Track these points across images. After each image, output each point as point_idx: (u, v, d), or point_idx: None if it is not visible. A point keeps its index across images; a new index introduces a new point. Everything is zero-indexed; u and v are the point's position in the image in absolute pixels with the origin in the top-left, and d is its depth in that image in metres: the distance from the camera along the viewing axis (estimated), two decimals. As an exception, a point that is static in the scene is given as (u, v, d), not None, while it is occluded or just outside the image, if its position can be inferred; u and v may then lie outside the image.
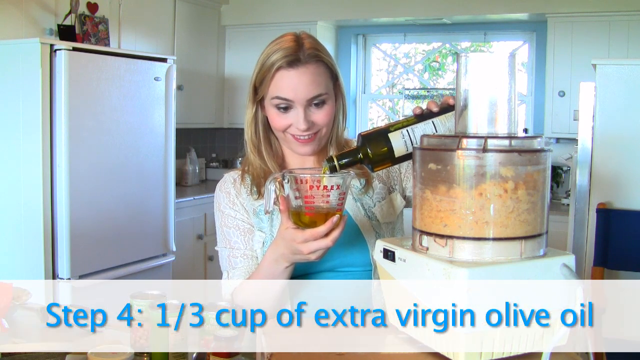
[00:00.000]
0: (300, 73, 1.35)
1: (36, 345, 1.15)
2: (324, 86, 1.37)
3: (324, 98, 1.38)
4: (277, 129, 1.41)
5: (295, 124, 1.37)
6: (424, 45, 4.92)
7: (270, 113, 1.40)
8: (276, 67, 1.35)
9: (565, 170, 4.06)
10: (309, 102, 1.36)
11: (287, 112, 1.37)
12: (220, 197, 1.50)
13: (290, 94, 1.35)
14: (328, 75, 1.40)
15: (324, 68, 1.39)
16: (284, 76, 1.35)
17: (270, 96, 1.38)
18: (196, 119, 4.51)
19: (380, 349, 1.01)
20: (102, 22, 3.61)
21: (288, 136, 1.40)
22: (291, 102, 1.36)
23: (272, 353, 0.95)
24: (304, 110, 1.36)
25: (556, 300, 0.92)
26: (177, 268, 3.67)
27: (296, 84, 1.35)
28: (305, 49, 1.36)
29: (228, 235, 1.47)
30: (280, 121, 1.38)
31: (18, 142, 2.95)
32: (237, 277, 1.42)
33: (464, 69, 0.95)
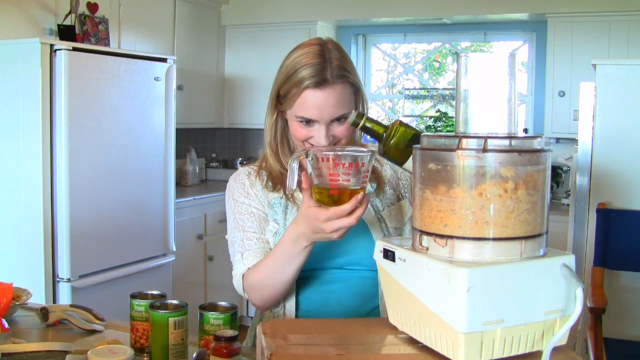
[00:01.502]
0: (327, 94, 1.35)
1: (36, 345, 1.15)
2: (348, 106, 1.38)
3: (346, 115, 1.38)
4: (298, 139, 1.41)
5: (316, 138, 1.37)
6: (424, 45, 4.92)
7: (292, 124, 1.41)
8: (304, 86, 1.35)
9: (565, 170, 4.06)
10: (332, 121, 1.37)
11: (309, 126, 1.38)
12: (233, 187, 1.51)
13: (315, 114, 1.36)
14: (352, 92, 1.40)
15: (350, 87, 1.39)
16: (310, 96, 1.35)
17: (294, 113, 1.39)
18: (196, 119, 4.51)
19: (380, 349, 1.01)
20: (102, 22, 3.61)
21: (307, 145, 1.40)
22: (314, 120, 1.37)
23: (272, 353, 0.95)
24: (326, 127, 1.37)
25: (556, 300, 0.92)
26: (177, 268, 3.67)
27: (322, 105, 1.35)
28: (333, 67, 1.36)
29: (241, 221, 1.46)
30: (302, 133, 1.39)
31: (18, 142, 2.95)
32: (252, 257, 1.41)
33: (464, 69, 0.95)
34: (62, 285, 2.96)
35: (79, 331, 1.47)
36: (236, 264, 1.45)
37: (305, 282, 1.43)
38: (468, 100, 0.95)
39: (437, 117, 4.58)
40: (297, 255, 1.28)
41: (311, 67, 1.35)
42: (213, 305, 1.30)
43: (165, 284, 3.52)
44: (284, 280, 1.33)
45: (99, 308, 1.52)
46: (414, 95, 4.97)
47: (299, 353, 0.97)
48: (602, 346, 2.35)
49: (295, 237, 1.26)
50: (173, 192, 3.56)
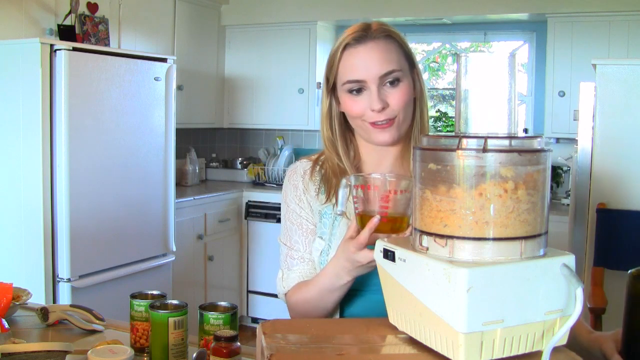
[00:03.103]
0: (368, 48, 1.29)
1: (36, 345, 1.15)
2: (396, 62, 1.29)
3: (397, 75, 1.30)
4: (353, 115, 1.33)
5: (369, 106, 1.29)
6: (424, 45, 4.92)
7: (344, 100, 1.34)
8: (343, 45, 1.30)
9: (565, 170, 4.06)
10: (382, 80, 1.29)
11: (360, 95, 1.31)
12: (288, 189, 1.45)
13: (360, 72, 1.29)
14: (401, 53, 1.32)
15: (396, 45, 1.32)
16: (351, 54, 1.29)
17: (341, 82, 1.32)
18: (196, 119, 4.51)
19: (380, 349, 1.01)
20: (102, 22, 3.61)
21: (365, 125, 1.33)
22: (363, 82, 1.29)
23: (272, 353, 0.95)
24: (377, 88, 1.28)
25: (556, 300, 0.92)
26: (177, 268, 3.67)
27: (365, 61, 1.28)
28: (373, 27, 1.31)
29: (290, 232, 1.43)
30: (354, 105, 1.31)
31: (18, 142, 2.95)
32: (292, 279, 1.39)
33: (464, 69, 0.95)
34: (62, 285, 2.96)
35: (79, 331, 1.47)
36: (277, 281, 1.44)
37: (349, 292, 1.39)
38: (468, 100, 0.95)
39: (437, 117, 4.58)
40: (338, 289, 1.26)
41: (349, 31, 1.31)
42: (213, 305, 1.29)
43: (165, 284, 3.52)
44: (326, 308, 1.32)
45: (99, 308, 1.52)
46: (414, 95, 4.97)
47: (299, 353, 0.97)
48: (602, 346, 2.34)
49: (337, 271, 1.24)
50: (173, 192, 3.56)
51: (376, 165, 1.41)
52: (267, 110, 4.66)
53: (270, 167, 4.65)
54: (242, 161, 4.91)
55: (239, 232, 4.37)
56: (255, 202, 4.35)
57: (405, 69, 1.32)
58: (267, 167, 4.67)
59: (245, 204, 4.38)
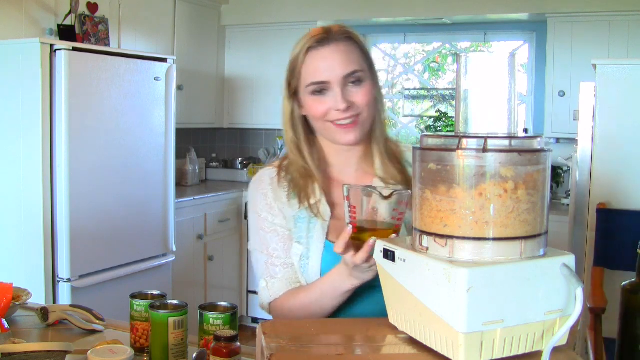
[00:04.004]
0: (331, 50, 1.30)
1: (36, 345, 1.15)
2: (358, 63, 1.32)
3: (360, 75, 1.32)
4: (316, 116, 1.34)
5: (334, 106, 1.30)
6: (423, 46, 4.92)
7: (308, 102, 1.34)
8: (306, 48, 1.30)
9: (565, 170, 4.06)
10: (345, 81, 1.31)
11: (324, 96, 1.32)
12: (257, 199, 1.43)
13: (324, 74, 1.30)
14: (361, 54, 1.34)
15: (356, 46, 1.33)
16: (315, 57, 1.30)
17: (304, 84, 1.33)
18: (196, 119, 4.51)
19: (380, 349, 1.01)
20: (102, 22, 3.61)
21: (328, 125, 1.34)
22: (327, 83, 1.30)
23: (272, 353, 0.95)
24: (341, 89, 1.30)
25: (556, 300, 0.92)
26: (177, 268, 3.67)
27: (329, 62, 1.30)
28: (333, 30, 1.32)
29: (265, 240, 1.40)
30: (318, 107, 1.32)
31: (18, 142, 2.95)
32: (279, 287, 1.37)
33: (464, 69, 0.95)
34: (62, 285, 2.96)
35: (79, 331, 1.47)
36: (261, 291, 1.40)
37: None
38: (468, 100, 0.95)
39: (437, 117, 4.58)
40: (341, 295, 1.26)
41: (311, 34, 1.33)
42: (213, 305, 1.29)
43: (165, 284, 3.52)
44: (324, 314, 1.31)
45: (99, 308, 1.52)
46: (414, 95, 4.97)
47: (299, 353, 0.97)
48: (602, 346, 2.35)
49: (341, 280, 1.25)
50: (173, 192, 3.56)
51: (343, 166, 1.42)
52: (267, 110, 4.65)
53: (270, 167, 4.64)
54: (242, 161, 4.91)
55: (239, 232, 4.37)
56: (255, 202, 4.35)
57: (366, 70, 1.34)
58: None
59: (245, 204, 4.37)
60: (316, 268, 1.36)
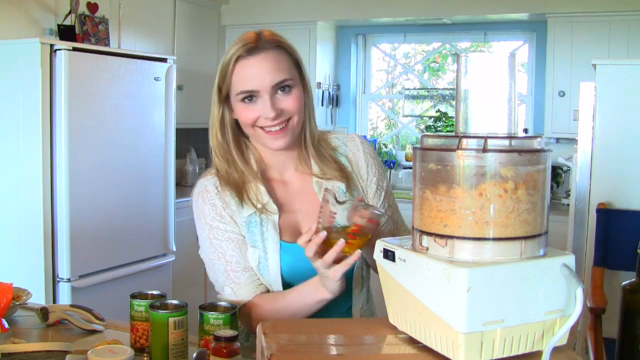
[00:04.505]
0: (260, 59, 1.31)
1: (36, 345, 1.15)
2: (287, 71, 1.33)
3: (289, 83, 1.33)
4: (246, 123, 1.36)
5: (263, 114, 1.32)
6: (423, 46, 4.92)
7: (238, 109, 1.36)
8: (235, 57, 1.31)
9: (565, 170, 4.06)
10: (275, 89, 1.32)
11: (253, 103, 1.33)
12: (204, 209, 1.41)
13: (253, 83, 1.31)
14: (291, 62, 1.35)
15: (286, 54, 1.34)
16: (244, 66, 1.31)
17: (234, 92, 1.34)
18: (196, 119, 4.50)
19: (380, 349, 1.01)
20: (102, 22, 3.61)
21: (258, 131, 1.35)
22: (256, 92, 1.32)
23: (272, 353, 0.95)
24: (270, 97, 1.31)
25: (556, 300, 0.92)
26: (177, 268, 3.66)
27: (257, 72, 1.31)
28: (264, 37, 1.33)
29: (220, 248, 1.40)
30: (248, 114, 1.34)
31: (18, 142, 2.95)
32: (247, 292, 1.37)
33: (464, 69, 0.95)
34: (62, 285, 2.96)
35: (79, 331, 1.47)
36: (228, 297, 1.39)
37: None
38: (468, 100, 0.95)
39: (437, 117, 4.57)
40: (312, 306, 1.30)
41: (241, 41, 1.33)
42: (213, 305, 1.29)
43: (165, 284, 3.52)
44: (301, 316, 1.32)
45: (99, 308, 1.52)
46: (414, 95, 4.97)
47: (299, 353, 0.97)
48: (602, 346, 2.35)
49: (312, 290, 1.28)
50: (173, 192, 3.55)
51: (282, 167, 1.44)
52: (267, 110, 4.65)
53: (270, 167, 4.64)
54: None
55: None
56: (255, 202, 4.35)
57: (296, 77, 1.36)
58: (267, 167, 4.66)
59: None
60: (276, 269, 1.36)
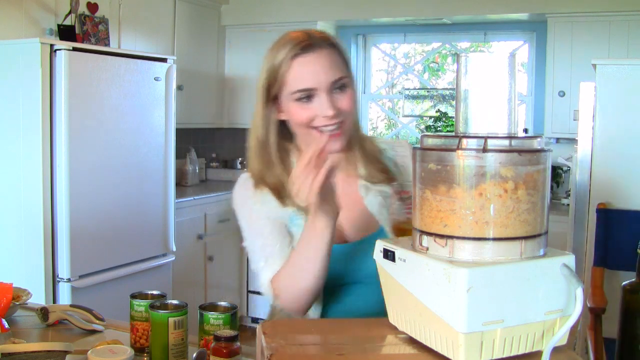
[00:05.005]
0: (317, 56, 1.29)
1: (36, 345, 1.15)
2: (342, 70, 1.32)
3: (345, 82, 1.32)
4: (301, 123, 1.32)
5: (320, 112, 1.29)
6: (423, 46, 4.92)
7: (292, 109, 1.32)
8: (291, 55, 1.29)
9: (565, 170, 4.06)
10: (332, 87, 1.30)
11: (309, 102, 1.30)
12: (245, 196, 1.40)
13: (311, 81, 1.29)
14: (344, 61, 1.34)
15: (339, 54, 1.34)
16: (301, 63, 1.29)
17: (289, 91, 1.31)
18: (196, 119, 4.51)
19: (380, 349, 1.01)
20: (102, 22, 3.61)
21: (312, 132, 1.32)
22: (313, 90, 1.29)
23: (272, 353, 0.95)
24: (327, 95, 1.29)
25: (556, 300, 0.92)
26: (177, 268, 3.67)
27: (316, 69, 1.29)
28: (315, 36, 1.32)
29: (259, 227, 1.37)
30: (304, 113, 1.30)
31: (18, 142, 2.95)
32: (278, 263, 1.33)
33: (464, 69, 0.95)
34: (62, 285, 2.96)
35: (79, 331, 1.47)
36: (261, 271, 1.35)
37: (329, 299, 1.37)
38: (468, 100, 0.95)
39: (437, 117, 4.57)
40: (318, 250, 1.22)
41: (293, 40, 1.31)
42: (213, 305, 1.30)
43: (165, 284, 3.52)
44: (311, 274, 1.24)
45: (99, 308, 1.52)
46: (414, 95, 4.97)
47: (299, 353, 0.97)
48: (602, 346, 2.35)
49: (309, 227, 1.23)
50: (173, 192, 3.56)
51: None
52: (267, 110, 4.65)
53: (270, 167, 4.64)
54: (242, 161, 4.90)
55: (239, 232, 4.35)
56: (255, 202, 4.35)
57: (349, 76, 1.35)
58: (267, 167, 4.66)
59: (245, 204, 4.37)
60: None
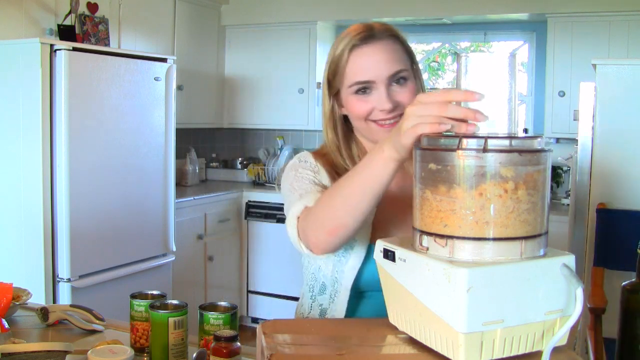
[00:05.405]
0: (376, 49, 1.27)
1: (36, 345, 1.15)
2: (403, 62, 1.29)
3: (405, 75, 1.29)
4: (359, 115, 1.30)
5: (378, 106, 1.27)
6: (423, 45, 4.92)
7: (350, 102, 1.31)
8: (350, 46, 1.27)
9: (565, 170, 4.06)
10: (390, 80, 1.28)
11: (368, 95, 1.28)
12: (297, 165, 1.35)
13: (369, 73, 1.27)
14: (405, 53, 1.32)
15: (400, 45, 1.31)
16: (359, 55, 1.27)
17: (347, 84, 1.30)
18: (196, 119, 4.51)
19: (380, 349, 1.01)
20: (102, 22, 3.61)
21: (371, 125, 1.30)
22: (371, 82, 1.27)
23: (272, 353, 0.95)
24: (385, 88, 1.27)
25: (556, 300, 0.92)
26: (177, 268, 3.67)
27: (374, 61, 1.27)
28: (376, 28, 1.30)
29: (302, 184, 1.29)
30: (362, 106, 1.28)
31: (18, 142, 2.95)
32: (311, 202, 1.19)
33: (464, 69, 0.95)
34: (62, 285, 2.96)
35: (79, 331, 1.47)
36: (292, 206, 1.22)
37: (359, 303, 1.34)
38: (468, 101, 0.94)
39: (437, 117, 4.57)
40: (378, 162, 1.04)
41: (353, 32, 1.29)
42: (213, 305, 1.29)
43: (165, 284, 3.52)
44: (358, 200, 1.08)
45: (99, 308, 1.52)
46: (414, 95, 4.96)
47: (299, 353, 0.97)
48: (602, 346, 2.35)
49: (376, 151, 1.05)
50: (173, 192, 3.56)
51: None
52: (267, 110, 4.66)
53: (270, 167, 4.64)
54: (242, 161, 4.91)
55: (239, 232, 4.37)
56: (255, 202, 4.35)
57: (410, 69, 1.32)
58: (267, 167, 4.67)
59: (245, 204, 4.38)
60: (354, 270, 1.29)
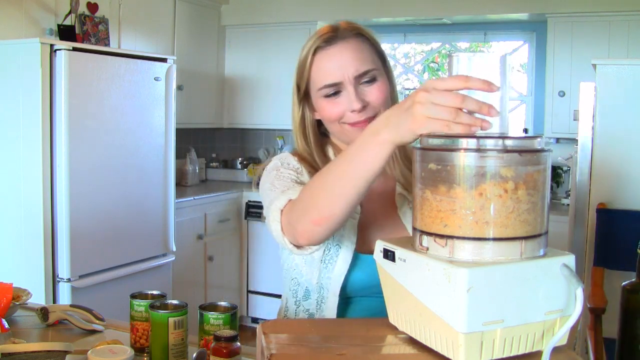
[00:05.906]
0: (340, 49, 1.23)
1: (36, 345, 1.15)
2: (370, 61, 1.25)
3: (374, 74, 1.25)
4: (331, 119, 1.27)
5: (348, 107, 1.23)
6: (423, 46, 4.92)
7: (321, 106, 1.27)
8: (314, 49, 1.24)
9: (565, 170, 4.06)
10: (358, 80, 1.24)
11: (337, 97, 1.25)
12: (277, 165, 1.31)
13: (335, 75, 1.23)
14: (373, 51, 1.28)
15: (367, 43, 1.28)
16: (323, 57, 1.24)
17: (315, 88, 1.27)
18: (196, 119, 4.51)
19: (380, 349, 1.01)
20: (102, 22, 3.61)
21: (344, 127, 1.26)
22: (339, 84, 1.24)
23: (272, 353, 0.95)
24: (354, 88, 1.23)
25: (556, 300, 0.92)
26: (177, 268, 3.67)
27: (339, 62, 1.23)
28: (341, 28, 1.26)
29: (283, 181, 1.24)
30: (332, 109, 1.25)
31: (18, 142, 2.95)
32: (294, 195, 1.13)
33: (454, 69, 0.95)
34: (62, 285, 2.96)
35: (79, 331, 1.47)
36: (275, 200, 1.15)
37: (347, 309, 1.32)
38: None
39: (437, 117, 4.57)
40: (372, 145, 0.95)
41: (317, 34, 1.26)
42: (213, 305, 1.29)
43: (165, 284, 3.52)
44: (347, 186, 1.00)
45: (99, 308, 1.52)
46: (414, 95, 4.96)
47: (299, 353, 0.97)
48: (602, 346, 2.35)
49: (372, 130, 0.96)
50: (173, 192, 3.56)
51: None
52: (267, 110, 4.66)
53: (270, 167, 4.64)
54: (242, 161, 4.91)
55: (239, 232, 4.37)
56: (255, 202, 4.35)
57: (380, 67, 1.29)
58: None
59: (245, 204, 4.38)
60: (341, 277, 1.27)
